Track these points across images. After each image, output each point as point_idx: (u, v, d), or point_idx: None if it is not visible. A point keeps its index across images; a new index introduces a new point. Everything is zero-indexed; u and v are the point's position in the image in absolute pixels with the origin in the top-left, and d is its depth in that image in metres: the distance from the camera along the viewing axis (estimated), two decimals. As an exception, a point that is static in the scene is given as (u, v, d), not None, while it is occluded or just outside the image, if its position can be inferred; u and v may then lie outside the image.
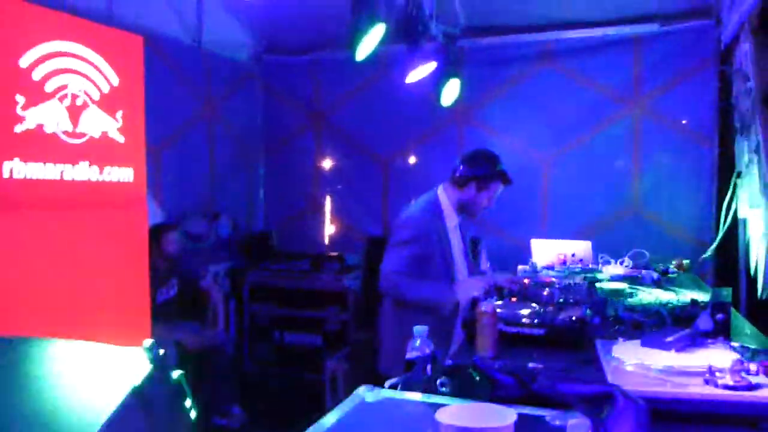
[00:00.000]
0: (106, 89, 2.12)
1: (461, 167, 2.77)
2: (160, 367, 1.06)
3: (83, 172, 2.08)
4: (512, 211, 4.75)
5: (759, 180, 3.40)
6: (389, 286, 2.62)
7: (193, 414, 1.14)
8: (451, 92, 4.37)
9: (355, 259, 4.84)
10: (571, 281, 2.82)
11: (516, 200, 4.70)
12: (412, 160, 5.23)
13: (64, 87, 2.03)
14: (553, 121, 4.73)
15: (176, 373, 1.11)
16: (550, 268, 3.71)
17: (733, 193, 3.99)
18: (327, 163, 5.49)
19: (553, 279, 3.01)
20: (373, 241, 4.54)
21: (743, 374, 1.46)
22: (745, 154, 3.76)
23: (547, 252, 3.94)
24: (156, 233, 3.94)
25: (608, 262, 3.83)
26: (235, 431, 3.98)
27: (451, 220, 2.78)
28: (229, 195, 5.30)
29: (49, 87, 2.01)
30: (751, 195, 3.53)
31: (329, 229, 5.49)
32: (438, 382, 1.14)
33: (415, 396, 1.12)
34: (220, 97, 5.11)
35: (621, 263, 3.75)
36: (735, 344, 1.83)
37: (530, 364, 1.92)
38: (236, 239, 5.11)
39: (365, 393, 1.14)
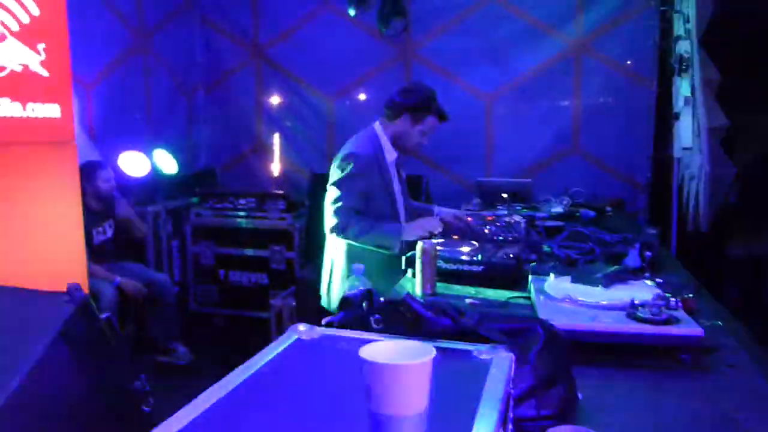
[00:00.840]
0: (25, 20, 1.97)
1: (395, 98, 2.70)
2: (84, 309, 1.03)
3: (5, 108, 1.95)
4: (458, 150, 4.80)
5: (693, 121, 3.50)
6: (342, 224, 2.53)
7: (124, 352, 1.13)
8: (394, 24, 4.28)
9: (300, 198, 4.81)
10: (511, 220, 2.88)
11: (461, 140, 4.75)
12: (358, 97, 5.15)
13: (-22, 16, 1.88)
14: (497, 59, 4.72)
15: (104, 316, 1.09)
16: (494, 206, 3.77)
17: (669, 133, 4.11)
18: (270, 100, 5.35)
19: (494, 217, 3.07)
20: (317, 179, 4.51)
21: (663, 308, 1.54)
22: (681, 96, 3.85)
23: (490, 191, 4.00)
24: (87, 172, 3.80)
25: (549, 200, 3.93)
26: (180, 369, 3.99)
27: (390, 155, 2.73)
28: (168, 132, 5.12)
29: (-40, 16, 1.86)
30: (685, 136, 3.64)
31: (275, 167, 5.41)
32: (372, 319, 1.16)
33: (350, 333, 1.14)
34: (153, 29, 4.86)
35: (561, 202, 3.85)
36: (659, 280, 1.92)
37: (467, 300, 1.99)
38: (178, 177, 4.98)
39: (300, 330, 1.15)
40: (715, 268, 4.45)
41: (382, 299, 1.28)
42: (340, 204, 2.55)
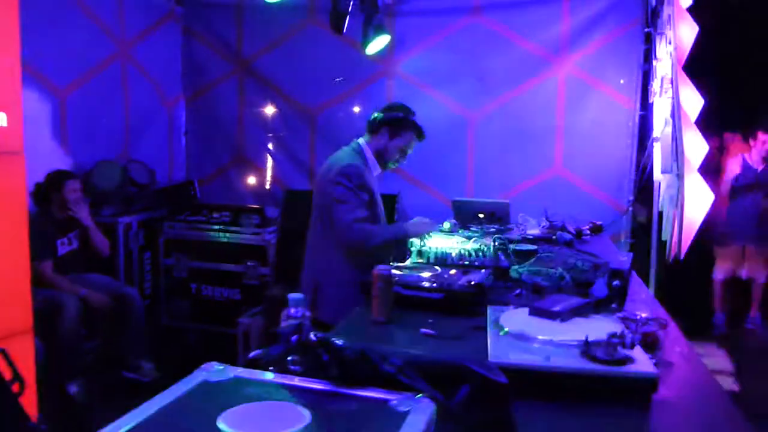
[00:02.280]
0: (-30, 25, 1.89)
1: (376, 114, 2.88)
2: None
3: (-57, 116, 1.86)
4: (437, 168, 4.73)
5: (671, 144, 3.44)
6: (357, 237, 2.60)
7: (16, 387, 1.04)
8: (377, 43, 4.23)
9: (275, 213, 4.72)
10: (481, 244, 2.80)
11: (441, 157, 4.69)
12: (339, 113, 5.08)
13: None
14: (480, 78, 4.67)
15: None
16: (468, 227, 3.70)
17: (651, 156, 4.05)
18: (252, 114, 5.28)
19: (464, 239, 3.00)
20: (292, 194, 4.43)
21: (617, 347, 1.46)
22: (662, 118, 3.79)
23: (466, 211, 3.92)
24: (55, 181, 3.71)
25: (527, 221, 3.85)
26: (146, 386, 3.88)
27: (375, 170, 2.87)
28: (147, 143, 5.05)
29: None
30: (664, 159, 3.58)
31: (253, 181, 5.32)
32: (288, 359, 1.08)
33: (263, 376, 1.05)
34: (134, 39, 4.79)
35: (538, 224, 3.77)
36: (620, 314, 1.84)
37: (421, 330, 1.90)
38: (154, 189, 4.89)
39: (211, 371, 1.07)
40: (689, 297, 4.41)
41: (314, 337, 1.19)
42: (355, 216, 2.61)
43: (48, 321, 3.51)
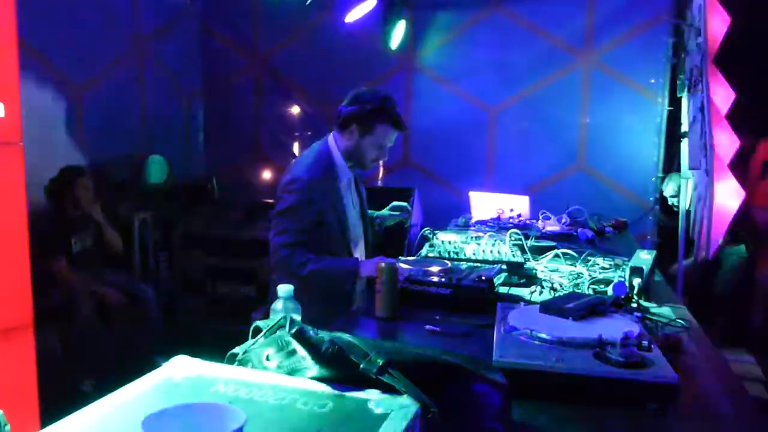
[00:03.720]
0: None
1: (342, 107, 2.35)
2: None
3: (-61, 104, 1.82)
4: (456, 162, 4.63)
5: (700, 140, 3.29)
6: (280, 262, 2.24)
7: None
8: (398, 35, 4.15)
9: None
10: (497, 239, 2.69)
11: (461, 151, 4.58)
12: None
13: None
14: (503, 71, 4.55)
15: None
16: (485, 222, 3.59)
17: (679, 152, 3.89)
18: (269, 108, 5.23)
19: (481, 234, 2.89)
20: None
21: (635, 349, 1.34)
22: (690, 113, 3.64)
23: (485, 205, 3.81)
24: (67, 177, 3.68)
25: (548, 218, 3.72)
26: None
27: (344, 173, 2.39)
28: (165, 139, 5.02)
29: None
30: (693, 155, 3.42)
31: (270, 176, 5.27)
32: (264, 354, 0.99)
33: (231, 373, 0.96)
34: (152, 34, 4.77)
35: (558, 220, 3.64)
36: (638, 314, 1.71)
37: (427, 327, 1.80)
38: (172, 185, 4.86)
39: (177, 366, 0.98)
40: (716, 300, 4.21)
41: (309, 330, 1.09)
42: (287, 237, 2.23)
43: (63, 318, 3.50)
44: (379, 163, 3.94)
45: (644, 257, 2.25)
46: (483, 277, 2.01)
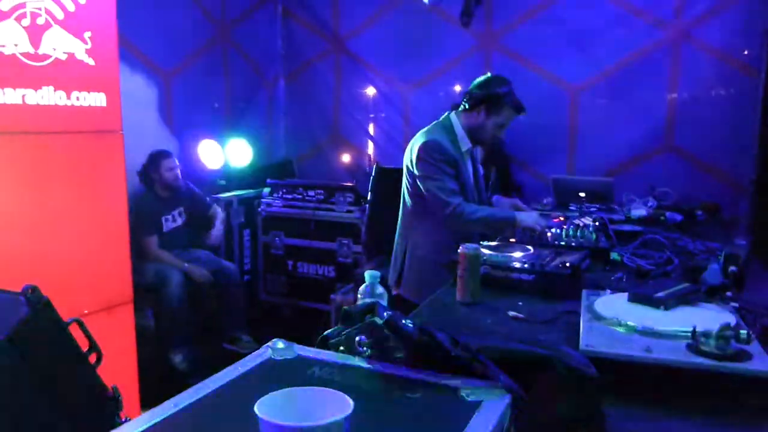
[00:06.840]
0: (71, 8, 1.97)
1: (472, 91, 2.68)
2: (42, 311, 0.96)
3: (48, 96, 1.96)
4: (537, 145, 4.53)
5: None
6: (458, 204, 2.52)
7: (93, 358, 1.05)
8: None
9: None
10: (579, 222, 2.63)
11: (542, 134, 4.47)
12: (436, 89, 4.97)
13: (22, 5, 1.89)
14: (585, 49, 4.38)
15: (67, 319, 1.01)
16: (567, 206, 3.51)
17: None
18: (348, 92, 5.29)
19: (561, 218, 2.83)
20: (382, 172, 4.38)
21: (732, 341, 1.29)
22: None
23: (567, 189, 3.73)
24: (153, 160, 3.88)
25: (633, 201, 3.60)
26: (243, 357, 4.00)
27: (464, 144, 2.71)
28: (247, 122, 5.18)
29: (4, 6, 1.87)
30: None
31: (348, 159, 5.35)
32: (356, 340, 1.02)
33: (328, 356, 1.00)
34: (234, 21, 4.91)
35: (645, 203, 3.52)
36: (735, 304, 1.64)
37: (510, 313, 1.80)
38: (255, 167, 5.03)
39: (276, 349, 1.03)
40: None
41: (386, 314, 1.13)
42: (446, 187, 2.54)
43: (155, 295, 3.70)
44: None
45: (740, 243, 2.15)
46: (567, 263, 1.98)
